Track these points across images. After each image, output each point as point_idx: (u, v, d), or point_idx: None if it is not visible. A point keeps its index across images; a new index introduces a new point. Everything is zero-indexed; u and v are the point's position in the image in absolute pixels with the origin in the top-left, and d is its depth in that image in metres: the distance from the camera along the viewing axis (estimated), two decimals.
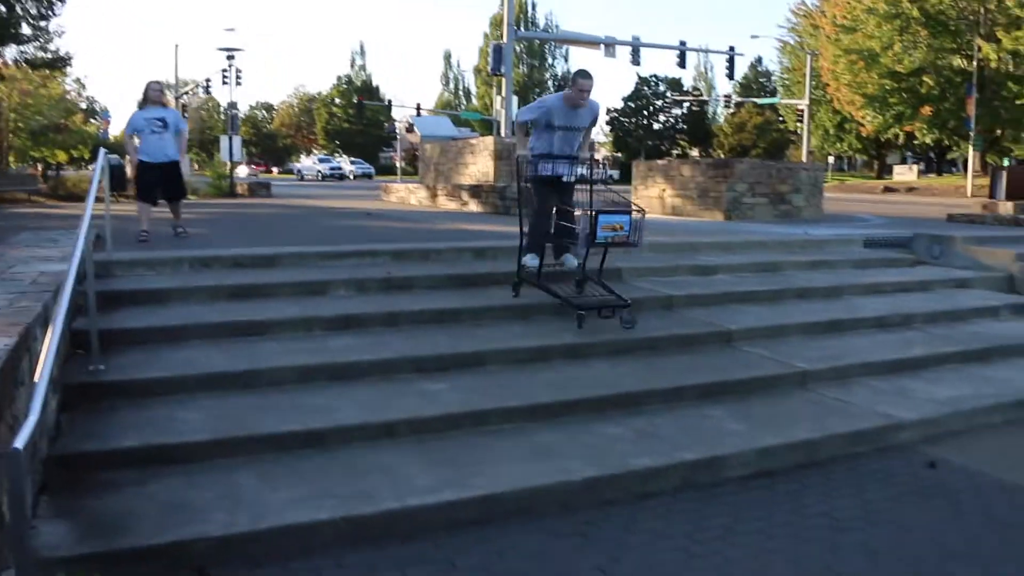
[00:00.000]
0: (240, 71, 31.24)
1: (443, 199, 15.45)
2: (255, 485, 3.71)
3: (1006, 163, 38.95)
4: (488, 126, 51.31)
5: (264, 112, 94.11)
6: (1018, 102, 36.44)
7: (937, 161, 56.64)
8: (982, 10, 36.03)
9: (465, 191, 14.62)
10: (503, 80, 26.90)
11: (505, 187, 13.23)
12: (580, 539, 3.56)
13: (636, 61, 31.88)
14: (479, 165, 18.82)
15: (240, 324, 5.46)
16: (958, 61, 38.24)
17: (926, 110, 38.92)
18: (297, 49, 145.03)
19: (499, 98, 27.45)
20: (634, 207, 5.91)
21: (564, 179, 6.50)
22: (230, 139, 25.82)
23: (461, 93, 79.21)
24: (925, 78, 38.48)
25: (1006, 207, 14.56)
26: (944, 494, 4.11)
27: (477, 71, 70.27)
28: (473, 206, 14.07)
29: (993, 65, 36.09)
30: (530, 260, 6.46)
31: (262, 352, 5.08)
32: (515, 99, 28.06)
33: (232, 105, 28.75)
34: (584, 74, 6.48)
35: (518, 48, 61.61)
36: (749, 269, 8.06)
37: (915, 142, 49.03)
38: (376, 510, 3.54)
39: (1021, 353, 6.44)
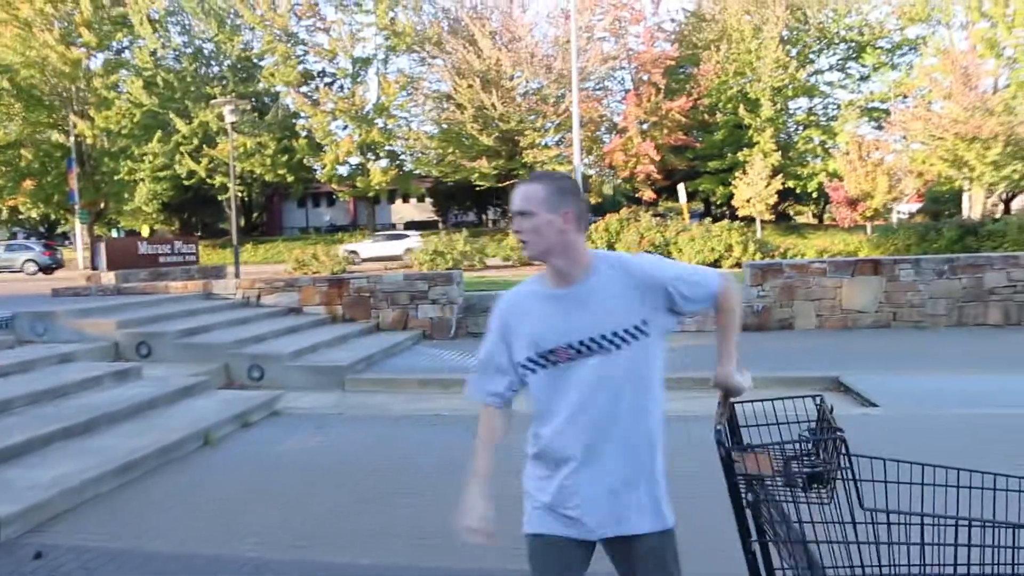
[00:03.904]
0: None
1: None
2: None
3: (115, 234, 40.76)
4: None
5: None
6: (116, 177, 38.67)
7: (48, 235, 55.97)
8: (73, 88, 36.98)
9: None
10: None
11: None
12: None
13: None
14: None
15: None
16: (57, 136, 38.55)
17: (28, 184, 38.35)
18: None
19: None
20: None
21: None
22: None
23: None
24: (24, 151, 37.87)
25: (109, 277, 15.21)
26: None
27: None
28: None
29: (90, 141, 37.48)
30: None
31: None
32: None
33: None
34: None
35: None
36: None
37: (22, 216, 47.72)
38: None
39: (123, 417, 6.75)
